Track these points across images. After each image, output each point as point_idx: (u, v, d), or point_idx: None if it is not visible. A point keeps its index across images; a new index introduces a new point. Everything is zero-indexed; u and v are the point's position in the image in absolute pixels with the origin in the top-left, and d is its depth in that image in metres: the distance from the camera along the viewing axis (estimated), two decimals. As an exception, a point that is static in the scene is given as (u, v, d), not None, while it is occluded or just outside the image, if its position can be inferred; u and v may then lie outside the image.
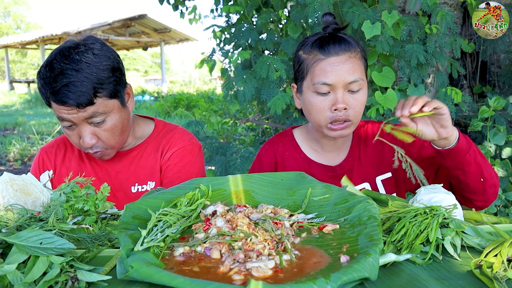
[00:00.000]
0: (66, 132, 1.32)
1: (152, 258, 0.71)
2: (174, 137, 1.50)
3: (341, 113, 1.27)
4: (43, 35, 17.22)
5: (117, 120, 1.32)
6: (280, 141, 1.48)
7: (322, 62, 1.28)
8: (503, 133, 2.39)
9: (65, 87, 1.20)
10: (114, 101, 1.30)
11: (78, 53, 1.24)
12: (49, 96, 1.24)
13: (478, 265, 0.74)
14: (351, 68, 1.27)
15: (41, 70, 1.26)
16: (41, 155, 1.51)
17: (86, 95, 1.22)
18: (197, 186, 1.00)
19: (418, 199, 0.95)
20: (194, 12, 3.58)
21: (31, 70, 33.01)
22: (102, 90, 1.25)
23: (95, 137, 1.30)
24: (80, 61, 1.22)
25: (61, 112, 1.25)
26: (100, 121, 1.28)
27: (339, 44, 1.28)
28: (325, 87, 1.27)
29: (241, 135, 5.87)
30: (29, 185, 1.02)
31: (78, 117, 1.25)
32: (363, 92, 1.30)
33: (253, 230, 0.82)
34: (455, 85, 3.36)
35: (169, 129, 1.54)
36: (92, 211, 0.92)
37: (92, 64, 1.23)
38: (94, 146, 1.31)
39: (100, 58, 1.26)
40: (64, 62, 1.22)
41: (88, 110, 1.24)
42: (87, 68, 1.22)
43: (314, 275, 0.67)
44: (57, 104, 1.23)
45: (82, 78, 1.21)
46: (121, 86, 1.33)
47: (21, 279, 0.67)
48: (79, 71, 1.21)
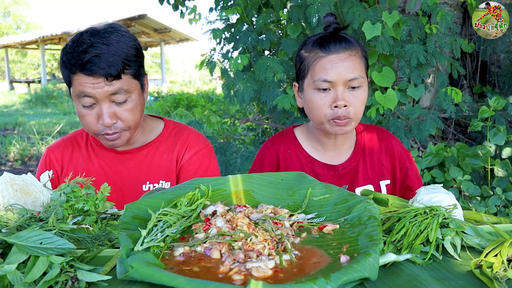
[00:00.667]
0: (83, 112, 1.29)
1: (152, 258, 0.71)
2: (189, 139, 1.50)
3: (341, 110, 1.28)
4: (43, 35, 17.22)
5: (137, 102, 1.32)
6: (282, 140, 1.49)
7: (322, 59, 1.30)
8: (503, 133, 2.39)
9: (95, 57, 1.21)
10: (136, 82, 1.31)
11: (106, 32, 1.26)
12: (75, 69, 1.23)
13: (478, 265, 0.74)
14: (351, 65, 1.28)
15: (68, 45, 1.26)
16: (48, 155, 1.49)
17: (116, 67, 1.22)
18: (197, 186, 1.00)
19: (418, 199, 0.95)
20: (194, 12, 3.58)
21: (31, 70, 33.01)
22: (129, 67, 1.27)
23: (115, 117, 1.28)
24: (109, 38, 1.25)
25: (86, 86, 1.23)
26: (122, 100, 1.27)
27: (340, 42, 1.30)
28: (326, 84, 1.29)
29: (241, 135, 5.87)
30: (29, 185, 1.02)
31: (103, 92, 1.24)
32: (363, 90, 1.31)
33: (253, 230, 0.82)
34: (455, 85, 3.36)
35: (180, 129, 1.54)
36: (92, 211, 0.92)
37: (120, 41, 1.26)
38: (113, 126, 1.29)
39: (127, 38, 1.29)
40: (94, 38, 1.24)
41: (114, 85, 1.24)
42: (116, 44, 1.25)
43: (314, 275, 0.67)
44: (85, 75, 1.22)
45: (112, 51, 1.23)
46: (142, 71, 1.35)
47: (21, 279, 0.67)
48: (109, 45, 1.23)
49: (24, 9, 39.41)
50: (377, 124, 2.79)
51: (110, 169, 1.44)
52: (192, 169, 1.46)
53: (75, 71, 1.23)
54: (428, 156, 2.68)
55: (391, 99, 2.46)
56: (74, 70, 1.23)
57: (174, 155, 1.47)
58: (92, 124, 1.30)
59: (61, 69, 1.31)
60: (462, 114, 2.95)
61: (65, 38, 16.84)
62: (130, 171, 1.45)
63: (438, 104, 2.68)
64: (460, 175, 2.49)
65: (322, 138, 1.44)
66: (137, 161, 1.45)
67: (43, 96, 14.93)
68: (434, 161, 2.66)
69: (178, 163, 1.47)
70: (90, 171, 1.44)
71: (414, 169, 1.51)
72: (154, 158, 1.46)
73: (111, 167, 1.45)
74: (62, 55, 1.27)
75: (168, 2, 4.15)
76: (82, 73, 1.22)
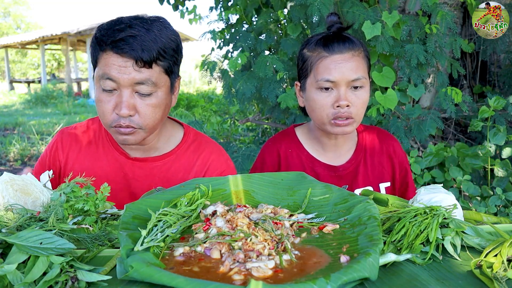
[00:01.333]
0: (100, 97, 1.17)
1: (152, 258, 0.71)
2: (210, 160, 1.36)
3: (343, 110, 1.28)
4: (43, 35, 17.22)
5: (162, 100, 1.20)
6: (283, 139, 1.49)
7: (326, 59, 1.30)
8: (503, 133, 2.39)
9: (130, 37, 1.11)
10: (167, 79, 1.20)
11: (150, 19, 1.18)
12: (105, 46, 1.13)
13: (478, 265, 0.74)
14: (355, 66, 1.28)
15: (105, 23, 1.17)
16: (59, 137, 1.37)
17: (149, 53, 1.12)
18: (197, 186, 1.00)
19: (418, 199, 0.95)
20: (194, 12, 3.58)
21: (31, 70, 33.01)
22: (163, 59, 1.16)
23: (134, 109, 1.16)
24: (152, 24, 1.16)
25: (112, 68, 1.13)
26: (147, 92, 1.16)
27: (343, 42, 1.30)
28: (328, 83, 1.29)
29: (241, 135, 5.87)
30: (29, 185, 1.02)
31: (128, 78, 1.13)
32: (366, 91, 1.32)
33: (253, 230, 0.82)
34: (455, 85, 3.36)
35: (201, 142, 1.39)
36: (92, 211, 0.92)
37: (162, 31, 1.17)
38: (129, 119, 1.17)
39: (170, 31, 1.20)
40: (135, 20, 1.15)
41: (142, 73, 1.13)
42: (158, 32, 1.15)
43: (314, 275, 0.67)
44: (114, 53, 1.12)
45: (151, 37, 1.13)
46: (176, 70, 1.24)
47: (21, 279, 0.67)
48: (149, 31, 1.13)
49: (24, 9, 39.41)
50: (377, 124, 2.79)
51: (117, 173, 1.34)
52: None
53: (105, 48, 1.14)
54: (428, 156, 2.68)
55: (391, 99, 2.46)
56: (104, 48, 1.14)
57: (191, 175, 1.34)
58: (107, 112, 1.18)
59: (91, 47, 1.20)
60: (462, 114, 2.95)
61: (65, 38, 16.84)
62: (139, 180, 1.33)
63: (438, 104, 2.68)
64: (460, 175, 2.49)
65: (323, 138, 1.44)
66: (149, 171, 1.33)
67: (43, 96, 14.92)
68: (434, 161, 2.66)
69: None
70: (95, 171, 1.33)
71: (411, 176, 1.53)
72: (168, 173, 1.34)
73: (119, 171, 1.34)
74: (96, 32, 1.17)
75: (168, 2, 4.15)
76: (112, 51, 1.12)
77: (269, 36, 3.09)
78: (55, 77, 21.75)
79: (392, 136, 1.54)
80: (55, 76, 22.83)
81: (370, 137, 1.48)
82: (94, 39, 1.18)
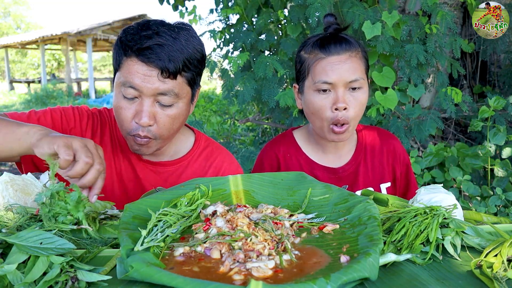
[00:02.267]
0: (120, 104, 1.14)
1: (152, 258, 0.71)
2: (223, 168, 1.36)
3: (341, 114, 1.27)
4: (43, 35, 17.22)
5: (182, 111, 1.18)
6: (281, 143, 1.48)
7: (322, 61, 1.29)
8: (503, 133, 2.39)
9: (158, 45, 1.08)
10: (189, 90, 1.19)
11: (177, 27, 1.15)
12: (131, 52, 1.10)
13: (478, 265, 0.74)
14: (352, 67, 1.27)
15: (131, 26, 1.14)
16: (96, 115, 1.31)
17: (176, 64, 1.10)
18: (197, 186, 1.00)
19: (418, 199, 0.95)
20: (194, 13, 3.58)
21: (31, 70, 33.02)
22: (188, 70, 1.14)
23: (154, 119, 1.14)
24: (179, 33, 1.13)
25: (135, 76, 1.10)
26: (168, 103, 1.14)
27: (340, 43, 1.29)
28: (326, 85, 1.28)
29: (241, 135, 5.87)
30: (29, 185, 1.02)
31: (152, 88, 1.10)
32: (364, 92, 1.31)
33: (253, 230, 0.82)
34: (455, 85, 3.36)
35: (213, 149, 1.38)
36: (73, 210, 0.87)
37: (189, 40, 1.14)
38: (147, 129, 1.14)
39: (196, 40, 1.17)
40: (162, 27, 1.12)
41: (166, 84, 1.11)
42: (185, 41, 1.12)
43: (314, 275, 0.67)
44: (139, 61, 1.09)
45: (177, 47, 1.10)
46: (198, 81, 1.23)
47: (21, 279, 0.67)
48: (176, 40, 1.11)
49: (24, 9, 39.42)
50: (377, 124, 2.79)
51: (129, 172, 1.31)
52: None
53: (130, 55, 1.10)
54: (428, 156, 2.68)
55: (391, 99, 2.46)
56: (129, 53, 1.10)
57: None
58: (127, 120, 1.15)
59: (114, 49, 1.17)
60: (462, 114, 2.95)
61: (65, 38, 16.84)
62: (148, 184, 1.31)
63: (438, 104, 2.68)
64: (460, 175, 2.49)
65: (322, 141, 1.42)
66: (160, 176, 1.32)
67: (43, 96, 14.92)
68: (434, 161, 2.66)
69: None
70: (109, 164, 1.29)
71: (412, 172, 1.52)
72: (180, 179, 1.31)
73: (132, 171, 1.31)
74: (121, 34, 1.14)
75: (168, 2, 4.16)
76: (137, 59, 1.09)
77: (269, 36, 3.09)
78: (55, 77, 21.73)
79: (391, 134, 1.53)
80: (55, 76, 22.81)
81: (370, 137, 1.48)
82: (118, 42, 1.15)
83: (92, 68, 17.41)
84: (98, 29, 16.56)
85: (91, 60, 17.52)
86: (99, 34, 16.60)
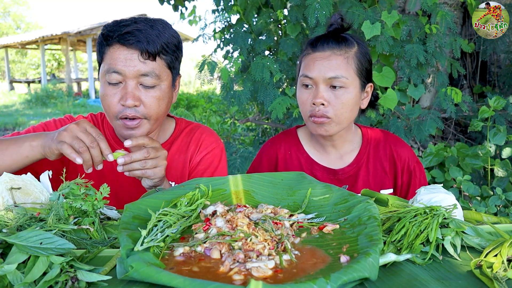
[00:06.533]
0: (106, 91, 1.22)
1: (152, 258, 0.71)
2: (201, 139, 1.45)
3: (318, 109, 1.27)
4: (43, 35, 17.22)
5: (165, 93, 1.26)
6: (284, 140, 1.48)
7: (308, 56, 1.32)
8: (503, 133, 2.39)
9: (137, 30, 1.19)
10: (169, 73, 1.27)
11: (153, 19, 1.26)
12: (112, 40, 1.20)
13: (478, 265, 0.74)
14: (334, 64, 1.27)
15: (110, 22, 1.24)
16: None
17: (154, 45, 1.20)
18: (197, 186, 1.00)
19: (418, 199, 0.95)
20: (194, 13, 3.58)
21: (31, 70, 33.00)
22: (166, 53, 1.24)
23: (139, 100, 1.22)
24: (154, 22, 1.24)
25: (118, 61, 1.19)
26: (151, 84, 1.22)
27: (327, 40, 1.30)
28: (308, 80, 1.30)
29: (240, 135, 5.86)
30: (29, 185, 1.02)
31: (133, 70, 1.19)
32: (348, 92, 1.28)
33: (253, 230, 0.82)
34: (455, 85, 3.36)
35: (192, 127, 1.48)
36: (90, 211, 0.92)
37: (165, 28, 1.25)
38: (135, 109, 1.22)
39: (172, 30, 1.27)
40: (139, 19, 1.23)
41: (147, 65, 1.20)
42: (161, 29, 1.23)
43: (314, 275, 0.67)
44: (121, 45, 1.19)
45: (155, 33, 1.21)
46: (177, 66, 1.31)
47: (21, 279, 0.67)
48: (153, 27, 1.22)
49: (24, 9, 39.43)
50: (377, 123, 2.79)
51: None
52: (200, 169, 1.42)
53: (111, 43, 1.20)
54: (428, 156, 2.68)
55: (391, 99, 2.46)
56: (110, 42, 1.20)
57: (187, 156, 1.42)
58: (113, 105, 1.22)
59: (97, 46, 1.27)
60: (462, 114, 2.96)
61: (65, 38, 16.85)
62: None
63: (438, 104, 2.68)
64: (460, 175, 2.49)
65: (320, 140, 1.42)
66: None
67: (43, 96, 14.92)
68: (434, 161, 2.66)
69: (190, 164, 1.43)
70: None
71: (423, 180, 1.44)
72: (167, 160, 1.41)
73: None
74: (102, 30, 1.24)
75: (168, 2, 4.16)
76: (119, 43, 1.19)
77: (269, 37, 3.09)
78: (55, 77, 21.74)
79: (400, 140, 1.48)
80: (55, 76, 22.82)
81: (375, 141, 1.44)
82: (100, 37, 1.24)
83: (92, 68, 17.42)
84: (98, 29, 16.54)
85: (91, 60, 17.52)
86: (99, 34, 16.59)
